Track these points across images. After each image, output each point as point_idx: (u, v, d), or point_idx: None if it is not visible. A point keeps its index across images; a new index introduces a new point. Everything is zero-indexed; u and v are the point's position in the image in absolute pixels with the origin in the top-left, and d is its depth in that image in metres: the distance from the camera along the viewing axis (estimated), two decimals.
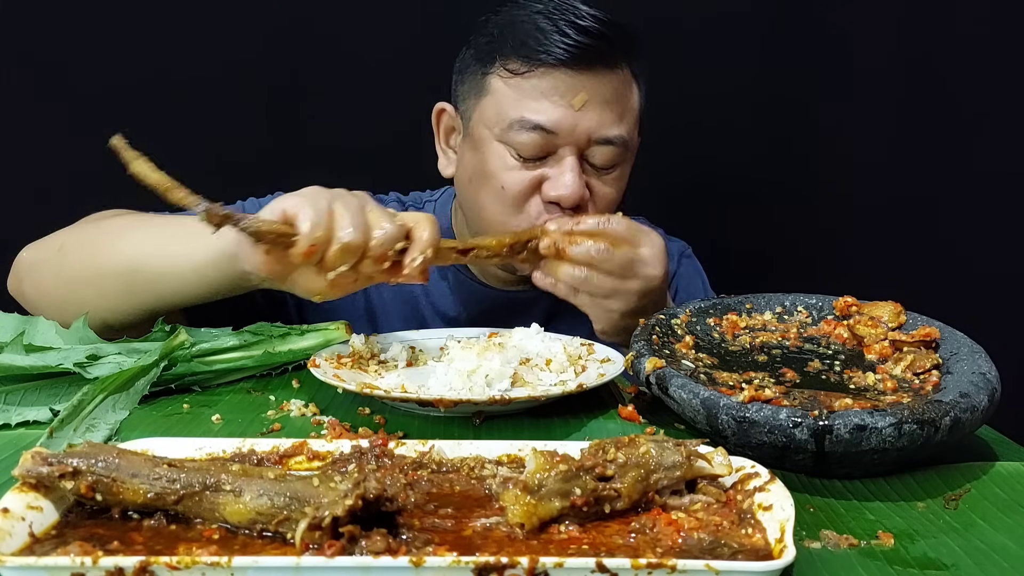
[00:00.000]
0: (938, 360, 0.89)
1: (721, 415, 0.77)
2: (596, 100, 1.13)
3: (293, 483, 0.59)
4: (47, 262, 1.11)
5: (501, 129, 1.15)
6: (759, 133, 1.82)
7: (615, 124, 1.15)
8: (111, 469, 0.60)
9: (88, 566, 0.52)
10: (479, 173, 1.19)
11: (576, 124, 1.13)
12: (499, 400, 0.87)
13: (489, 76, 1.17)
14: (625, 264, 1.02)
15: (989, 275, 1.82)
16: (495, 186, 1.16)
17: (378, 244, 0.88)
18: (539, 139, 1.13)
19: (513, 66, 1.15)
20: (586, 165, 1.16)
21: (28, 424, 0.87)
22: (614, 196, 1.20)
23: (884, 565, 0.63)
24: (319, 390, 0.97)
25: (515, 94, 1.15)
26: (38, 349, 0.95)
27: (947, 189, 1.82)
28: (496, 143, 1.16)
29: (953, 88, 1.80)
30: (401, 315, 1.31)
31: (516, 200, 1.16)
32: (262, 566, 0.53)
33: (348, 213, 0.87)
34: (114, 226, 1.11)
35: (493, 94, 1.17)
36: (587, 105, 1.13)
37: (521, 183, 1.15)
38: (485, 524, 0.61)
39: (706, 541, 0.60)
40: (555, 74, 1.13)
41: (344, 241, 0.86)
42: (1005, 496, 0.75)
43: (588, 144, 1.14)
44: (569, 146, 1.13)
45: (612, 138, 1.15)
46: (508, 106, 1.15)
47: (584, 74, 1.13)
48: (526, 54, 1.13)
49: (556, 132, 1.13)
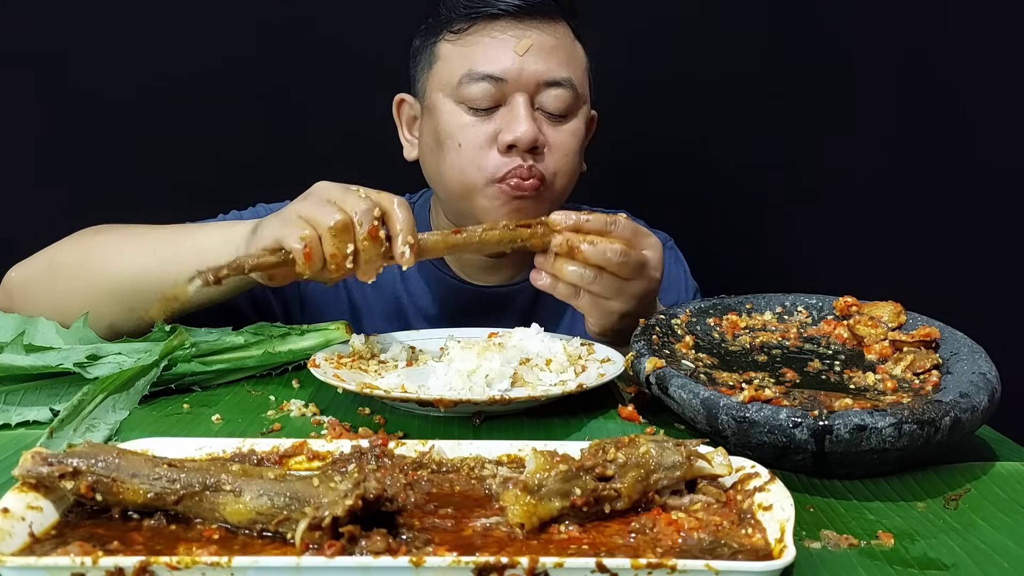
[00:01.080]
0: (938, 360, 0.89)
1: (721, 415, 0.77)
2: (540, 46, 1.16)
3: (293, 483, 0.59)
4: (37, 280, 1.11)
5: (452, 87, 1.17)
6: (759, 133, 1.82)
7: (562, 67, 1.17)
8: (111, 469, 0.60)
9: (88, 566, 0.52)
10: (436, 139, 1.20)
11: (523, 68, 1.15)
12: (499, 400, 0.87)
13: (437, 44, 1.21)
14: (636, 267, 1.02)
15: (989, 275, 1.82)
16: (452, 146, 1.17)
17: (361, 217, 0.93)
18: (489, 88, 1.15)
19: (457, 27, 1.18)
20: (541, 114, 1.17)
21: (28, 424, 0.87)
22: (572, 146, 1.20)
23: (884, 565, 0.63)
24: (319, 390, 0.97)
25: (461, 51, 1.18)
26: (38, 349, 0.95)
27: (947, 189, 1.82)
28: (448, 102, 1.18)
29: (953, 88, 1.80)
30: (384, 314, 1.32)
31: (474, 155, 1.16)
32: (262, 566, 0.53)
33: (319, 207, 0.93)
34: (105, 242, 1.11)
35: (442, 59, 1.20)
36: (532, 51, 1.15)
37: (477, 136, 1.16)
38: (485, 524, 0.61)
39: (706, 541, 0.60)
40: (497, 24, 1.16)
41: (330, 226, 0.91)
42: (1005, 496, 0.75)
43: (537, 89, 1.16)
44: (519, 92, 1.15)
45: (560, 79, 1.16)
46: (456, 63, 1.17)
47: (524, 23, 1.16)
48: (468, 12, 1.17)
49: (504, 78, 1.14)
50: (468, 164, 1.16)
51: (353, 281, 1.31)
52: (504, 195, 1.15)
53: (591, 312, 1.06)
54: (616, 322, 1.06)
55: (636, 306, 1.04)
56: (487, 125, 1.16)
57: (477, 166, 1.16)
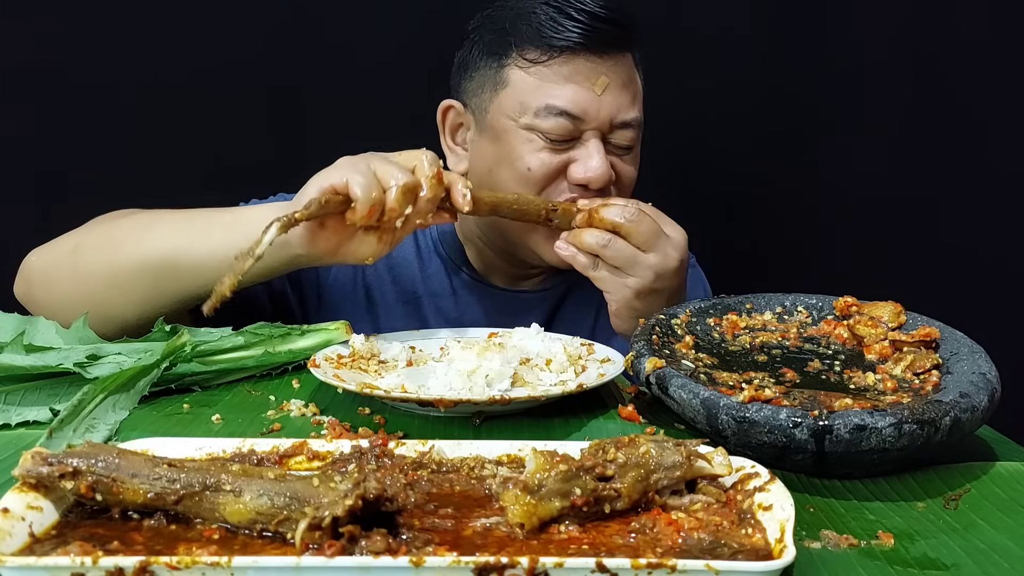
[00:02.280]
0: (938, 360, 0.89)
1: (721, 415, 0.77)
2: (615, 83, 1.17)
3: (293, 483, 0.59)
4: (61, 265, 1.09)
5: (526, 118, 1.16)
6: (759, 132, 1.82)
7: (631, 106, 1.19)
8: (111, 469, 0.60)
9: (88, 566, 0.52)
10: (501, 160, 1.19)
11: (600, 108, 1.16)
12: (499, 400, 0.87)
13: (506, 68, 1.19)
14: (649, 234, 1.06)
15: (989, 275, 1.82)
16: (520, 168, 1.17)
17: (427, 167, 0.97)
18: (566, 124, 1.15)
19: (532, 55, 1.17)
20: (608, 147, 1.18)
21: (28, 424, 0.87)
22: (634, 175, 1.24)
23: (884, 565, 0.63)
24: (319, 390, 0.97)
25: (537, 81, 1.16)
26: (38, 349, 0.95)
27: (948, 189, 1.82)
28: (521, 131, 1.17)
29: (954, 87, 1.80)
30: (403, 311, 1.31)
31: (541, 182, 1.17)
32: (262, 566, 0.53)
33: (387, 165, 0.95)
34: (134, 223, 1.10)
35: (513, 85, 1.18)
36: (607, 89, 1.16)
37: (548, 164, 1.16)
38: (485, 524, 0.61)
39: (706, 541, 0.60)
40: (576, 60, 1.16)
41: (401, 184, 0.94)
42: (1005, 496, 0.75)
43: (611, 128, 1.17)
44: (593, 130, 1.16)
45: (631, 121, 1.19)
46: (531, 95, 1.17)
47: (602, 58, 1.16)
48: (544, 42, 1.16)
49: (582, 117, 1.15)
50: (534, 190, 1.16)
51: (373, 280, 1.31)
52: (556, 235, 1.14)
53: (608, 285, 1.08)
54: (632, 300, 1.07)
55: (653, 284, 1.06)
56: (559, 155, 1.17)
57: (544, 195, 1.17)
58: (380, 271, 1.31)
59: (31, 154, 1.71)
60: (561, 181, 1.17)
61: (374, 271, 1.31)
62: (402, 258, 1.32)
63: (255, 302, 1.21)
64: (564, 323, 1.30)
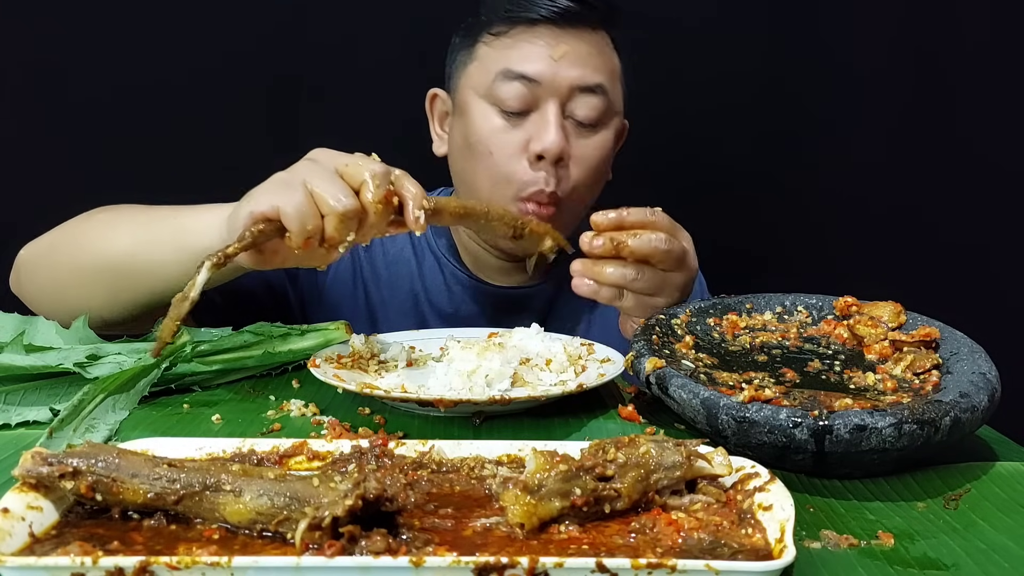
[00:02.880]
0: (938, 360, 0.89)
1: (721, 415, 0.77)
2: (576, 52, 1.16)
3: (293, 483, 0.59)
4: (42, 260, 1.11)
5: (486, 87, 1.18)
6: (759, 132, 1.82)
7: (596, 74, 1.17)
8: (111, 469, 0.60)
9: (88, 566, 0.52)
10: (466, 142, 1.20)
11: (557, 72, 1.15)
12: (499, 400, 0.87)
13: (475, 45, 1.22)
14: (679, 257, 1.00)
15: (989, 275, 1.82)
16: (483, 153, 1.18)
17: (373, 196, 0.85)
18: (522, 89, 1.15)
19: (497, 29, 1.19)
20: (570, 123, 1.17)
21: (28, 424, 0.87)
22: (596, 158, 1.20)
23: (884, 565, 0.63)
24: (319, 390, 0.97)
25: (498, 52, 1.18)
26: (38, 349, 0.95)
27: (948, 189, 1.82)
28: (480, 102, 1.19)
29: (954, 87, 1.80)
30: (400, 312, 1.32)
31: (505, 166, 1.17)
32: (262, 566, 0.53)
33: (327, 182, 0.85)
34: (101, 222, 1.09)
35: (479, 59, 1.20)
36: (568, 57, 1.16)
37: (508, 145, 1.16)
38: (485, 524, 0.61)
39: (706, 541, 0.60)
40: (536, 29, 1.17)
41: (339, 212, 0.84)
42: (1005, 496, 0.75)
43: (570, 94, 1.16)
44: (551, 97, 1.15)
45: (592, 85, 1.17)
46: (491, 63, 1.18)
47: (564, 30, 1.17)
48: (508, 15, 1.18)
49: (538, 80, 1.15)
50: (499, 176, 1.17)
51: (371, 278, 1.32)
52: (534, 213, 1.15)
53: (636, 311, 1.03)
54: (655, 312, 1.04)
55: (677, 299, 1.04)
56: (517, 132, 1.16)
57: (507, 179, 1.17)
58: (378, 269, 1.32)
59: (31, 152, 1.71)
60: (523, 159, 1.16)
61: (372, 270, 1.32)
62: (399, 256, 1.33)
63: (257, 303, 1.21)
64: (560, 317, 1.31)
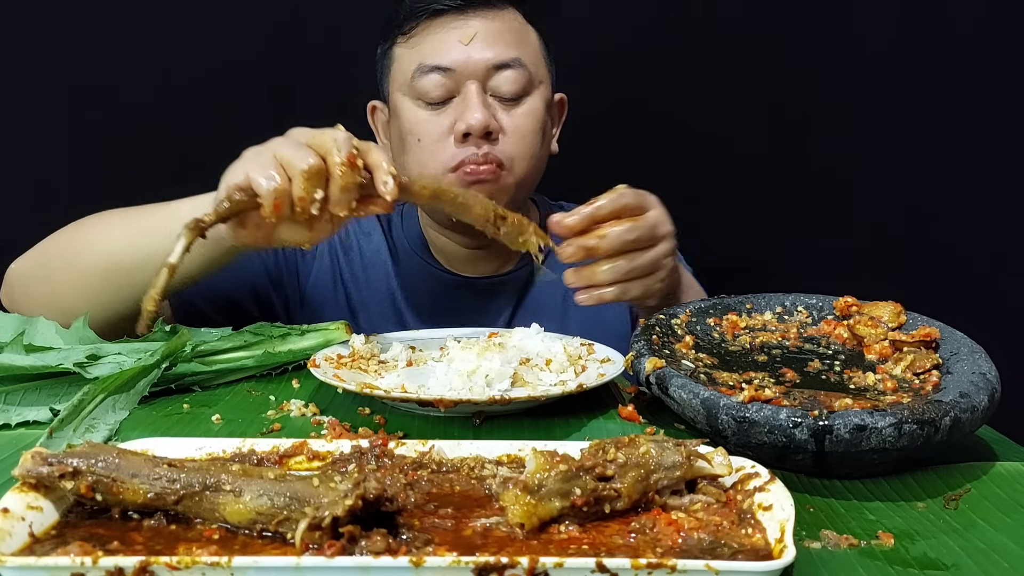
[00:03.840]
0: (938, 360, 0.89)
1: (721, 415, 0.77)
2: (485, 33, 1.18)
3: (293, 483, 0.59)
4: (35, 271, 1.11)
5: (407, 85, 1.20)
6: (759, 132, 1.82)
7: (510, 49, 1.19)
8: (111, 469, 0.60)
9: (88, 566, 0.52)
10: (400, 138, 1.22)
11: (469, 56, 1.17)
12: (499, 400, 0.87)
13: (392, 48, 1.24)
14: (656, 228, 0.98)
15: (989, 275, 1.82)
16: (413, 142, 1.20)
17: (336, 153, 0.84)
18: (440, 79, 1.17)
19: (406, 27, 1.21)
20: (494, 100, 1.19)
21: (28, 424, 0.87)
22: (528, 127, 1.20)
23: (884, 565, 0.63)
24: (319, 390, 0.97)
25: (411, 50, 1.21)
26: (38, 349, 0.95)
27: (948, 189, 1.82)
28: (406, 100, 1.21)
29: (954, 87, 1.80)
30: (380, 311, 1.33)
31: (432, 148, 1.18)
32: (262, 566, 0.53)
33: (293, 148, 0.86)
34: (92, 225, 1.10)
35: (397, 59, 1.23)
36: (477, 39, 1.18)
37: (434, 129, 1.18)
38: (485, 524, 0.61)
39: (706, 541, 0.60)
40: (442, 18, 1.19)
41: (303, 168, 0.84)
42: (1005, 496, 0.75)
43: (488, 74, 1.18)
44: (470, 80, 1.17)
45: (508, 60, 1.18)
46: (408, 61, 1.21)
47: (468, 14, 1.19)
48: (413, 13, 1.20)
49: (453, 68, 1.17)
50: (427, 157, 1.19)
51: (350, 279, 1.32)
52: (462, 183, 1.17)
53: (644, 295, 1.00)
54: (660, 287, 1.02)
55: (673, 263, 1.04)
56: (443, 118, 1.18)
57: (435, 158, 1.18)
58: (356, 271, 1.33)
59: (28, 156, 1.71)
60: (449, 140, 1.17)
61: (351, 271, 1.33)
62: (375, 256, 1.34)
63: (243, 309, 1.22)
64: (534, 304, 1.32)
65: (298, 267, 1.31)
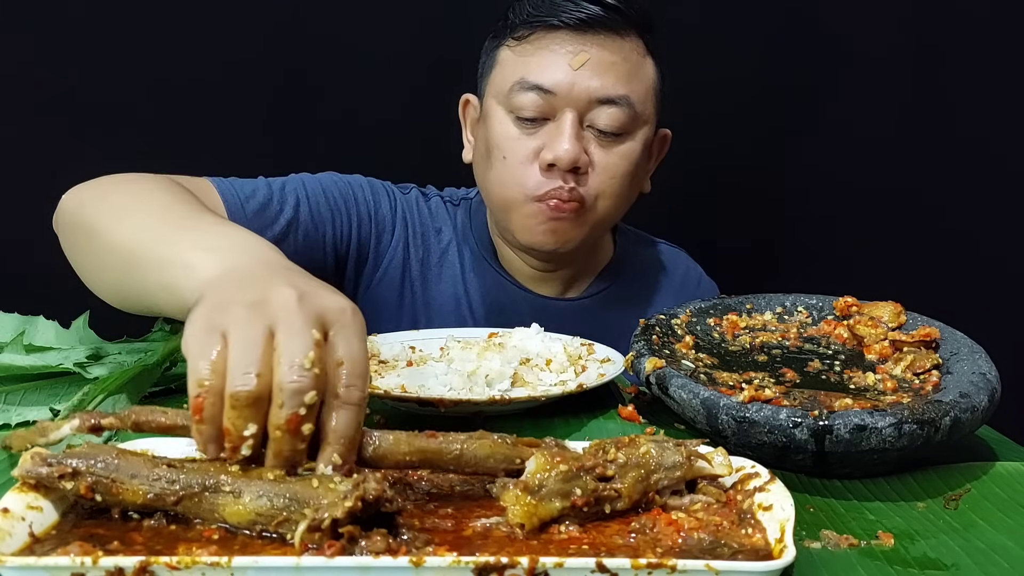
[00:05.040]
0: (938, 360, 0.89)
1: (721, 415, 0.77)
2: (598, 62, 1.12)
3: (293, 484, 0.59)
4: (70, 215, 0.95)
5: (504, 95, 1.15)
6: (759, 131, 1.82)
7: (619, 84, 1.12)
8: (111, 470, 0.60)
9: (88, 566, 0.52)
10: (486, 148, 1.18)
11: (574, 83, 1.11)
12: (499, 400, 0.87)
13: (499, 49, 1.18)
14: None
15: (989, 275, 1.82)
16: (498, 157, 1.15)
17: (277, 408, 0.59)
18: (538, 99, 1.12)
19: (519, 33, 1.15)
20: (591, 132, 1.13)
21: (28, 424, 0.87)
22: (620, 168, 1.15)
23: (884, 565, 0.63)
24: None
25: (518, 58, 1.15)
26: (38, 349, 0.95)
27: (948, 188, 1.82)
28: (500, 110, 1.16)
29: (955, 86, 1.80)
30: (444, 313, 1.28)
31: (517, 170, 1.14)
32: (262, 566, 0.53)
33: (239, 349, 0.59)
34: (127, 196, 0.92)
35: (500, 64, 1.17)
36: (588, 66, 1.11)
37: (521, 151, 1.13)
38: (485, 524, 0.61)
39: (706, 541, 0.60)
40: (555, 35, 1.12)
41: (232, 394, 0.58)
42: (1005, 496, 0.75)
43: (589, 106, 1.12)
44: (569, 108, 1.12)
45: (615, 97, 1.12)
46: (511, 70, 1.15)
47: (586, 36, 1.12)
48: (528, 19, 1.14)
49: (554, 91, 1.11)
50: (510, 178, 1.15)
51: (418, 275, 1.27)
52: (542, 213, 1.14)
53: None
54: None
55: None
56: (532, 140, 1.13)
57: (518, 182, 1.14)
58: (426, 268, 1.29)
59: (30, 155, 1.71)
60: (533, 164, 1.13)
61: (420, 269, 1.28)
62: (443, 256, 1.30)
63: None
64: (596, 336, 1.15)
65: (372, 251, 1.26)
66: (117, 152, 1.70)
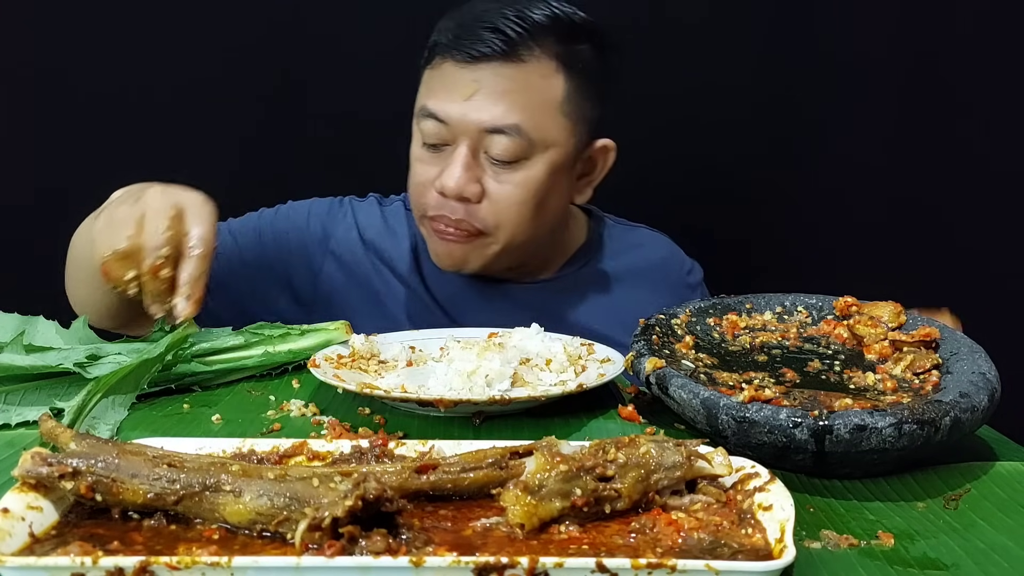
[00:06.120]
0: (938, 360, 0.89)
1: (721, 415, 0.77)
2: (491, 91, 1.12)
3: (293, 483, 0.59)
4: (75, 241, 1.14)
5: (416, 116, 1.19)
6: (759, 131, 1.82)
7: (511, 113, 1.12)
8: (111, 469, 0.60)
9: (88, 566, 0.52)
10: None
11: (465, 114, 1.12)
12: (499, 400, 0.87)
13: (423, 70, 1.21)
14: None
15: (989, 275, 1.82)
16: (412, 174, 1.20)
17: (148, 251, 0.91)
18: (436, 127, 1.15)
19: (429, 59, 1.19)
20: (487, 161, 1.15)
21: (28, 424, 0.87)
22: (516, 196, 1.15)
23: (884, 565, 0.63)
24: (319, 390, 0.97)
25: (425, 85, 1.19)
26: (38, 349, 0.95)
27: (948, 188, 1.82)
28: (416, 128, 1.19)
29: (954, 86, 1.80)
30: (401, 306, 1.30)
31: (419, 190, 1.19)
32: (262, 566, 0.53)
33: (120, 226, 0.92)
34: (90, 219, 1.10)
35: (422, 84, 1.21)
36: (480, 96, 1.12)
37: (423, 174, 1.18)
38: (485, 524, 0.61)
39: (706, 541, 0.60)
40: (453, 65, 1.14)
41: (115, 249, 0.91)
42: (1005, 496, 0.75)
43: (481, 136, 1.13)
44: (463, 136, 1.13)
45: (504, 127, 1.12)
46: (421, 95, 1.19)
47: (479, 65, 1.13)
48: (435, 47, 1.17)
49: (447, 122, 1.14)
50: (416, 196, 1.20)
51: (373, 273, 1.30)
52: (437, 234, 1.19)
53: None
54: None
55: None
56: (433, 165, 1.16)
57: (420, 201, 1.19)
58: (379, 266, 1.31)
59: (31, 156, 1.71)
60: (432, 188, 1.16)
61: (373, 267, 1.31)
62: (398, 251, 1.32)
63: None
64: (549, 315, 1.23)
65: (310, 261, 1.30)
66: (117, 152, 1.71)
